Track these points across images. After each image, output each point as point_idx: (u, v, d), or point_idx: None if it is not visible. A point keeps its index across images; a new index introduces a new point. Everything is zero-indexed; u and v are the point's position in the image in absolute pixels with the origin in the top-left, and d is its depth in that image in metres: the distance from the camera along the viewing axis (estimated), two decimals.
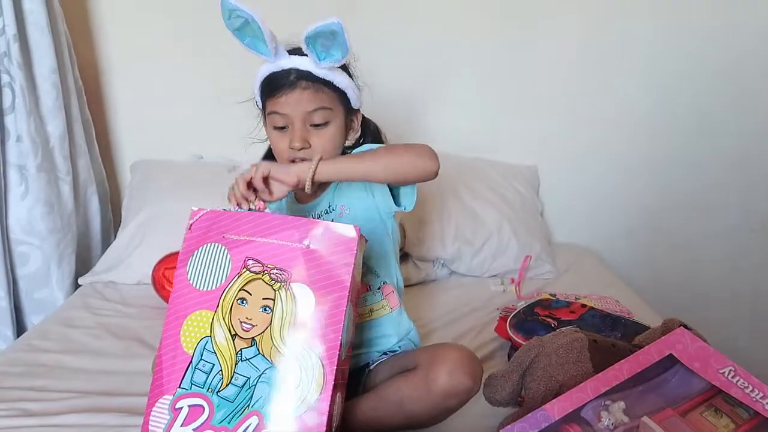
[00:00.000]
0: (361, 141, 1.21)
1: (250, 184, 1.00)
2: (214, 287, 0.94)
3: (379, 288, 1.16)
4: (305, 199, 1.19)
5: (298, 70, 1.07)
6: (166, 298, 1.52)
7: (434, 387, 0.95)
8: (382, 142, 1.23)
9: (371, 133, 1.24)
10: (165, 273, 1.55)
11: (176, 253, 1.31)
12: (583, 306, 1.39)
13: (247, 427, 0.87)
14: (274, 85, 1.10)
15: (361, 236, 0.94)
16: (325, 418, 0.86)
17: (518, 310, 1.39)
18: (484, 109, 2.01)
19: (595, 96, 1.99)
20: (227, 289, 0.93)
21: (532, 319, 1.33)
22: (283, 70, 1.08)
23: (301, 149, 1.09)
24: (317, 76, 1.08)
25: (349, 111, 1.16)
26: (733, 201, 2.06)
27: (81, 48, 1.84)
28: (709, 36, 1.92)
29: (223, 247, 0.95)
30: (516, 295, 1.67)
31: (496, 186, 1.93)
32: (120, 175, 2.04)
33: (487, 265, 1.81)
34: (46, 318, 1.54)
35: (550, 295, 1.56)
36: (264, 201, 1.01)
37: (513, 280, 1.75)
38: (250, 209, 1.00)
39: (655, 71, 1.96)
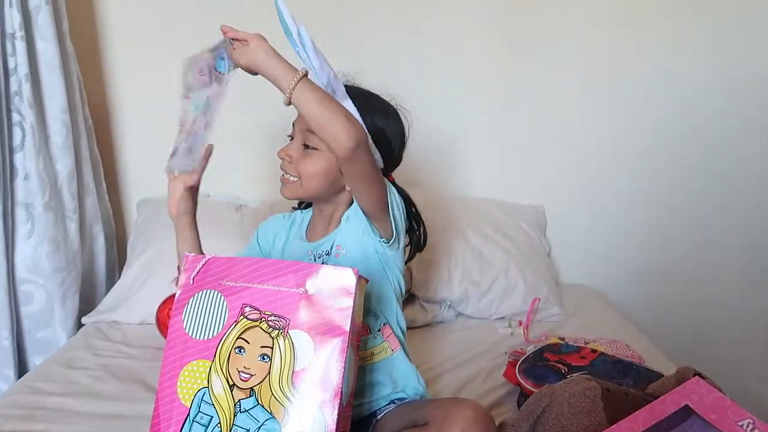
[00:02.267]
0: None
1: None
2: (210, 336, 0.92)
3: (379, 330, 1.14)
4: (312, 238, 1.19)
5: None
6: None
7: None
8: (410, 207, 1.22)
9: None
10: (169, 313, 1.53)
11: None
12: (594, 351, 1.37)
13: None
14: None
15: (360, 277, 0.92)
16: None
17: (527, 354, 1.36)
18: (491, 149, 2.01)
19: (600, 136, 2.00)
20: (224, 338, 0.91)
21: (542, 364, 1.31)
22: None
23: (284, 161, 1.13)
24: None
25: None
26: (742, 240, 2.04)
27: (91, 87, 1.86)
28: (711, 73, 1.94)
29: (220, 294, 0.93)
30: (524, 338, 1.64)
31: (503, 226, 1.92)
32: (127, 213, 2.04)
33: (494, 307, 1.79)
34: (47, 358, 1.52)
35: (559, 339, 1.54)
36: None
37: (521, 323, 1.72)
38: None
39: (659, 111, 1.97)
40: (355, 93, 1.12)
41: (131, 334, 1.62)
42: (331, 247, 1.14)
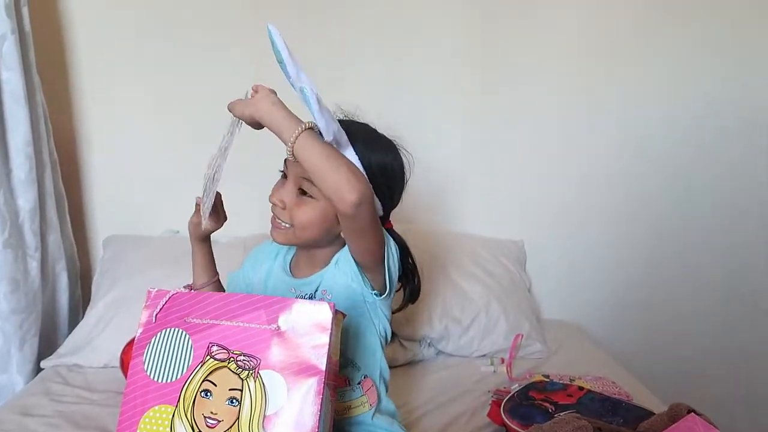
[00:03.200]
0: None
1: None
2: (174, 378, 0.84)
3: (359, 383, 1.07)
4: (297, 274, 1.13)
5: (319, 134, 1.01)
6: None
7: None
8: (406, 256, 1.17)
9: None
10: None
11: None
12: (581, 389, 1.32)
13: None
14: None
15: (336, 312, 0.86)
16: None
17: (512, 393, 1.31)
18: (470, 183, 1.99)
19: (579, 172, 1.99)
20: (189, 380, 0.84)
21: (528, 403, 1.25)
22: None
23: (276, 206, 1.06)
24: None
25: None
26: (722, 272, 2.04)
27: (58, 119, 1.80)
28: (693, 103, 1.95)
29: (184, 333, 0.87)
30: (507, 376, 1.59)
31: (483, 262, 1.88)
32: (92, 250, 1.96)
33: (476, 344, 1.73)
34: (2, 405, 1.42)
35: (544, 376, 1.49)
36: None
37: (503, 360, 1.67)
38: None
39: (642, 142, 1.97)
40: (358, 129, 1.07)
41: (93, 378, 1.53)
42: (316, 290, 1.07)
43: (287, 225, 1.06)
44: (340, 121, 1.03)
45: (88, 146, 1.89)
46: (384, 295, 1.05)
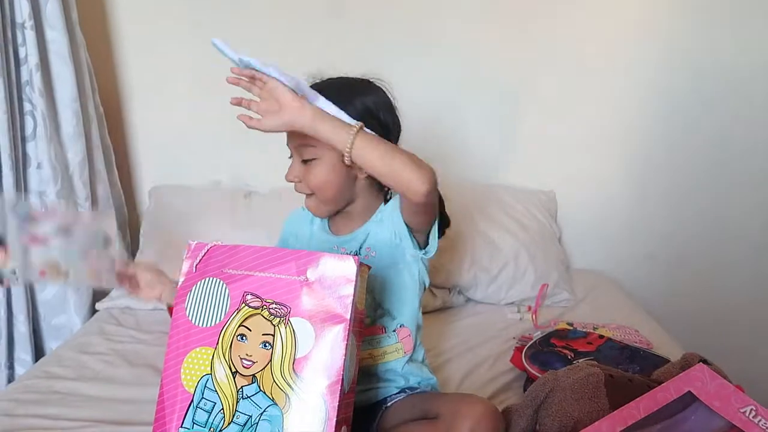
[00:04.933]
0: None
1: (253, 79, 0.99)
2: (213, 323, 0.92)
3: (394, 330, 1.13)
4: (338, 232, 1.18)
5: None
6: None
7: None
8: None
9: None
10: None
11: None
12: (601, 337, 1.37)
13: None
14: None
15: (361, 265, 0.92)
16: None
17: (534, 340, 1.36)
18: (500, 134, 2.00)
19: (612, 120, 1.97)
20: (227, 325, 0.92)
21: (548, 350, 1.31)
22: None
23: (295, 183, 1.10)
24: None
25: None
26: (754, 225, 2.02)
27: (102, 75, 1.87)
28: (727, 54, 1.90)
29: (222, 282, 0.94)
30: (533, 324, 1.64)
31: (512, 212, 1.91)
32: (139, 200, 2.06)
33: (503, 293, 1.79)
34: (62, 344, 1.55)
35: (568, 324, 1.53)
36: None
37: (530, 308, 1.72)
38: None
39: (676, 94, 1.94)
40: (329, 84, 1.09)
41: (143, 319, 1.64)
42: (361, 247, 1.13)
43: (310, 194, 1.12)
44: (312, 86, 1.06)
45: (133, 101, 1.96)
46: (429, 252, 1.10)
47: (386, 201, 1.16)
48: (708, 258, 2.05)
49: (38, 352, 1.68)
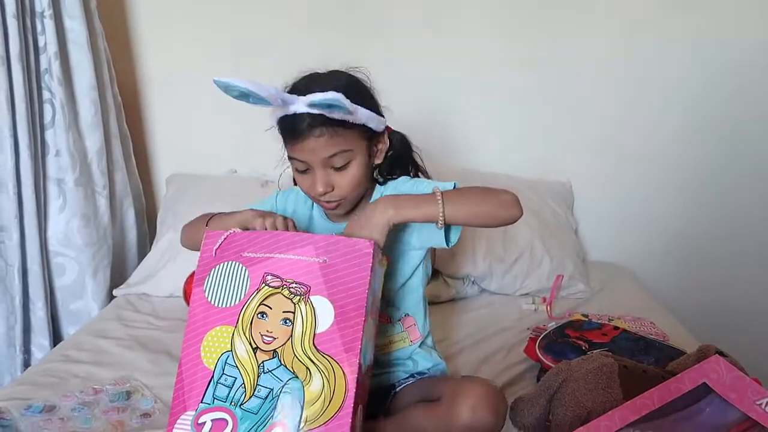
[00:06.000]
0: (389, 153, 1.15)
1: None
2: (233, 304, 0.95)
3: (399, 320, 1.14)
4: (336, 219, 1.17)
5: (311, 115, 0.99)
6: None
7: (456, 422, 0.94)
8: (410, 151, 1.19)
9: (398, 142, 1.16)
10: None
11: None
12: (616, 328, 1.36)
13: None
14: (288, 131, 1.04)
15: (382, 255, 0.94)
16: (348, 428, 0.87)
17: (548, 331, 1.36)
18: (518, 125, 1.98)
19: (630, 112, 1.95)
20: (246, 305, 0.94)
21: (563, 341, 1.30)
22: (295, 114, 1.00)
23: (324, 193, 1.06)
24: (331, 118, 0.99)
25: (373, 137, 1.09)
26: None
27: (120, 64, 1.89)
28: (750, 51, 1.87)
29: (241, 265, 0.96)
30: (548, 315, 1.64)
31: (529, 203, 1.88)
32: (156, 188, 2.08)
33: (518, 284, 1.78)
34: (80, 329, 1.57)
35: (583, 315, 1.52)
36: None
37: (545, 299, 1.71)
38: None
39: (691, 87, 1.92)
40: (334, 86, 0.99)
41: (159, 306, 1.66)
42: None
43: (341, 200, 1.08)
44: (306, 82, 1.05)
45: (150, 90, 1.98)
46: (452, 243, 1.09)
47: (379, 183, 1.16)
48: (724, 251, 2.03)
49: (56, 337, 1.70)
